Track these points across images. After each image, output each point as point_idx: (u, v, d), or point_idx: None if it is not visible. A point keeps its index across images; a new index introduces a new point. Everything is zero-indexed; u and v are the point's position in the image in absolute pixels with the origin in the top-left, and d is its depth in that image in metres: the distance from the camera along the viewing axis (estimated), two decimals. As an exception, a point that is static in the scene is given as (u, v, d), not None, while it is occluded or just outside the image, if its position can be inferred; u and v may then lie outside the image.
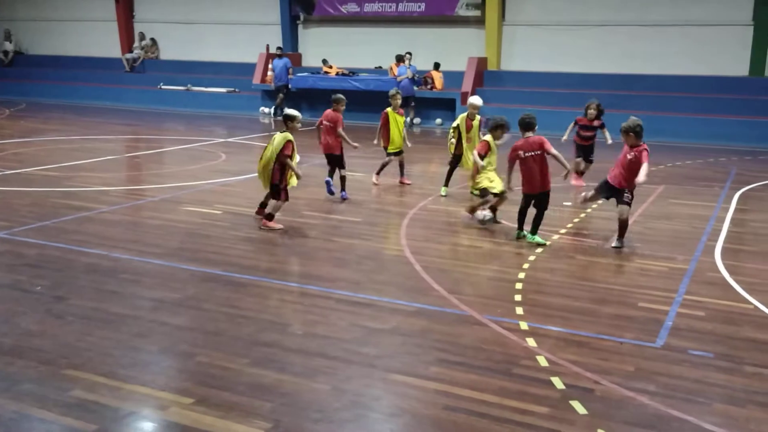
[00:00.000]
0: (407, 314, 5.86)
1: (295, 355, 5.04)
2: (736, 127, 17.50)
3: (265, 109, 22.34)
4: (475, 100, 10.54)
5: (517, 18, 21.12)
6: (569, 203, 10.07)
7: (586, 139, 11.48)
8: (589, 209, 9.76)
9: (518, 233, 8.20)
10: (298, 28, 24.12)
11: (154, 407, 4.30)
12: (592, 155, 11.57)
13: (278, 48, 22.09)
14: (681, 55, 19.24)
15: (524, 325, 5.63)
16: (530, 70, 20.88)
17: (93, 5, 26.77)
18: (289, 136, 8.41)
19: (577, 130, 11.59)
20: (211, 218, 8.97)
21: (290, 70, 21.56)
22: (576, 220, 9.23)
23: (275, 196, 8.51)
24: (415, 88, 20.14)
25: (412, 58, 20.15)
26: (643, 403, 4.40)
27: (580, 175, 11.49)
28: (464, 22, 21.63)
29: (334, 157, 10.24)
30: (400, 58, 20.30)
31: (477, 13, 21.22)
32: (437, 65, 20.66)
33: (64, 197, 9.97)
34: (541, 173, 7.94)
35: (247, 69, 23.23)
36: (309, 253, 7.73)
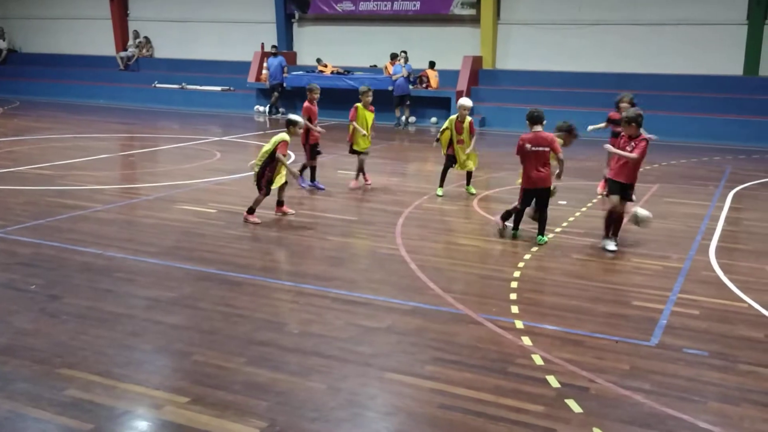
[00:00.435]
0: (403, 313, 5.86)
1: (290, 354, 5.04)
2: (730, 126, 17.56)
3: (259, 108, 22.29)
4: (465, 101, 10.49)
5: (511, 17, 21.14)
6: (564, 202, 10.08)
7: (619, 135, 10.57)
8: (584, 208, 9.78)
9: (514, 232, 8.21)
10: (293, 26, 24.10)
11: (149, 406, 4.29)
12: None
13: (273, 46, 22.05)
14: (675, 55, 19.29)
15: (520, 324, 5.64)
16: (525, 69, 20.91)
17: (87, 3, 26.71)
18: (286, 136, 8.63)
19: (611, 129, 10.54)
20: (206, 217, 8.95)
21: (285, 69, 21.53)
22: (571, 218, 9.24)
23: (259, 190, 8.69)
24: (411, 86, 20.14)
25: (407, 57, 20.14)
26: (639, 402, 4.41)
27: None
28: (459, 20, 21.64)
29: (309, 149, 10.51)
30: (395, 57, 20.31)
31: (472, 11, 21.24)
32: (432, 64, 20.66)
33: (58, 196, 9.94)
34: (543, 169, 7.91)
35: (242, 67, 23.21)
36: (304, 252, 7.72)
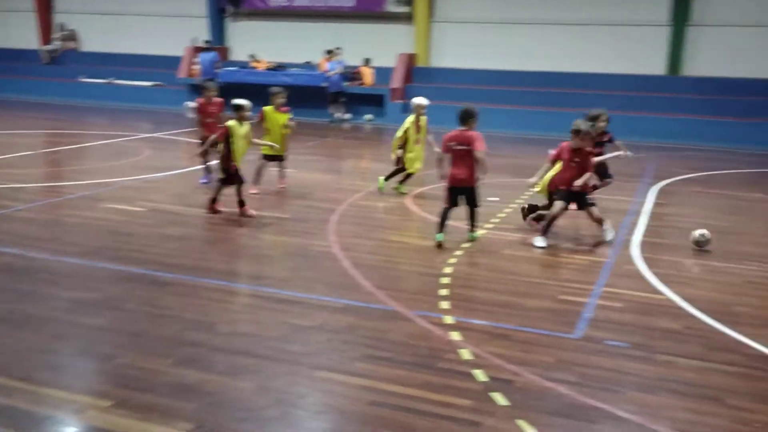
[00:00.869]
0: (334, 311, 5.87)
1: (219, 354, 4.98)
2: (654, 124, 18.19)
3: (190, 104, 21.85)
4: (422, 100, 10.29)
5: (446, 15, 21.37)
6: (496, 198, 10.26)
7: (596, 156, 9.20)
8: (515, 204, 9.97)
9: (439, 236, 7.82)
10: (225, 21, 23.74)
11: (71, 411, 4.17)
12: (609, 170, 9.79)
13: (205, 41, 21.69)
14: (603, 54, 19.89)
15: (449, 320, 5.72)
16: (460, 67, 21.17)
17: (9, -6, 25.72)
18: (231, 123, 8.69)
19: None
20: (134, 216, 8.75)
21: (218, 64, 21.20)
22: (501, 215, 9.41)
23: (231, 182, 8.70)
24: (345, 83, 20.12)
25: (341, 53, 20.11)
26: (562, 393, 4.54)
27: None
28: (394, 18, 21.74)
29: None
30: (330, 53, 20.25)
31: (406, 9, 21.37)
32: (367, 61, 20.70)
33: (-23, 194, 9.55)
34: (465, 168, 7.81)
35: (172, 62, 22.72)
36: (235, 251, 7.63)
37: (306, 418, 4.21)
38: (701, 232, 8.01)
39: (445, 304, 6.06)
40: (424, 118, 10.37)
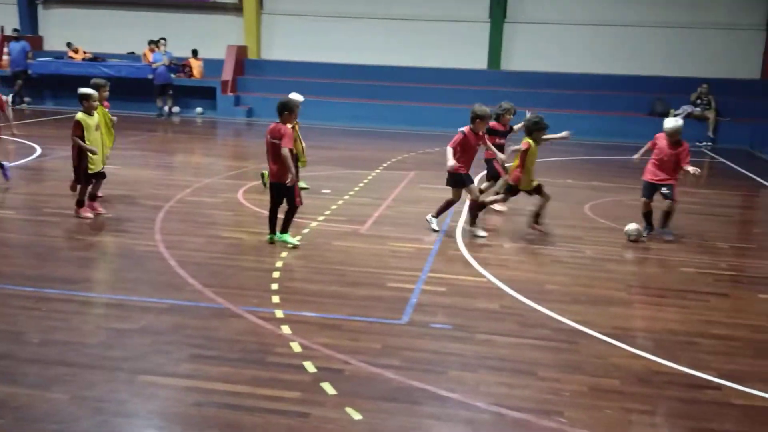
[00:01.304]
0: (159, 312, 5.64)
1: (30, 365, 4.63)
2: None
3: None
4: (296, 96, 9.35)
5: (276, 7, 21.19)
6: (328, 191, 10.33)
7: (500, 148, 9.43)
8: (347, 196, 10.10)
9: (270, 236, 7.70)
10: (37, 8, 22.04)
11: None
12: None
13: (14, 30, 20.02)
14: (430, 49, 20.62)
15: (280, 314, 5.69)
16: (291, 60, 21.08)
17: None
18: (80, 115, 8.25)
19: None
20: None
21: (29, 54, 19.65)
22: (333, 207, 9.49)
23: (78, 180, 8.37)
24: (173, 75, 19.38)
25: (167, 44, 19.34)
26: (388, 378, 4.67)
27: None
28: (222, 8, 21.25)
29: None
30: (154, 43, 19.39)
31: (234, 0, 20.93)
32: (195, 52, 20.06)
33: None
34: (275, 163, 7.41)
35: (-23, 52, 20.78)
36: (49, 254, 7.11)
37: (126, 425, 4.03)
38: (629, 228, 8.44)
39: (276, 299, 6.02)
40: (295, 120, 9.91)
